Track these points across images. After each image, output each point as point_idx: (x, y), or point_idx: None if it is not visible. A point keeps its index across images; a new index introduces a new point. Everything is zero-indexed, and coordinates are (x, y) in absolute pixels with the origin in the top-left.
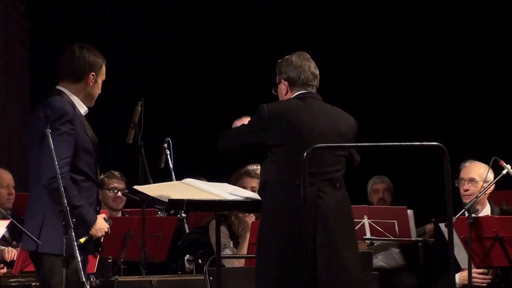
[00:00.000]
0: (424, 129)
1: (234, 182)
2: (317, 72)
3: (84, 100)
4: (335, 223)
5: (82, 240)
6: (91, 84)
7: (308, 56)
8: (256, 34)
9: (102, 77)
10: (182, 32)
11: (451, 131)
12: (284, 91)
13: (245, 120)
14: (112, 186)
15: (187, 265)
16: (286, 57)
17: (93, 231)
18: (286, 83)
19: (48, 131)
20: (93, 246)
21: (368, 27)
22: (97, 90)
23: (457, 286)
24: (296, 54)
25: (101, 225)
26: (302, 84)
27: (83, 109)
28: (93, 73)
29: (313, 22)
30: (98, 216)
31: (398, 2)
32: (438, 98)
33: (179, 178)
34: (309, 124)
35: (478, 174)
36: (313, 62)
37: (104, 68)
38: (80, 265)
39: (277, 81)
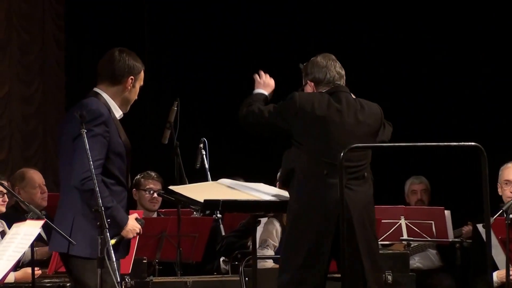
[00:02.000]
0: (458, 129)
1: None
2: (343, 72)
3: (120, 105)
4: (362, 218)
5: (113, 241)
6: (129, 88)
7: (333, 57)
8: (294, 32)
9: (140, 82)
10: (218, 31)
11: (486, 131)
12: (310, 92)
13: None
14: (148, 187)
15: (222, 266)
16: (312, 58)
17: (124, 232)
18: (312, 83)
19: (84, 131)
20: (124, 248)
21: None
22: (134, 96)
23: (495, 284)
24: (322, 55)
25: (133, 225)
26: (328, 83)
27: (118, 112)
28: (132, 76)
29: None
30: (130, 216)
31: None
32: (469, 97)
33: (214, 178)
34: (338, 119)
35: None
36: (339, 62)
37: (142, 73)
38: (115, 265)
39: (304, 83)
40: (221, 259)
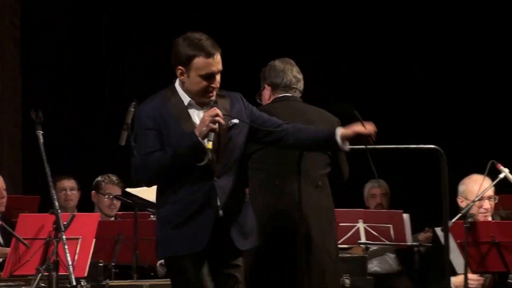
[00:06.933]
0: (420, 132)
1: None
2: (301, 76)
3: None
4: (314, 224)
5: (210, 144)
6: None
7: (291, 61)
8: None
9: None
10: (174, 31)
11: (446, 134)
12: (267, 96)
13: None
14: (108, 191)
15: (159, 269)
16: (270, 63)
17: (198, 131)
18: (270, 88)
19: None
20: None
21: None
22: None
23: None
24: (280, 59)
25: (205, 118)
26: (285, 87)
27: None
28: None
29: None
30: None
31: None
32: (434, 99)
33: None
34: None
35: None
36: (297, 67)
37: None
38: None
39: (262, 88)
40: (158, 263)
